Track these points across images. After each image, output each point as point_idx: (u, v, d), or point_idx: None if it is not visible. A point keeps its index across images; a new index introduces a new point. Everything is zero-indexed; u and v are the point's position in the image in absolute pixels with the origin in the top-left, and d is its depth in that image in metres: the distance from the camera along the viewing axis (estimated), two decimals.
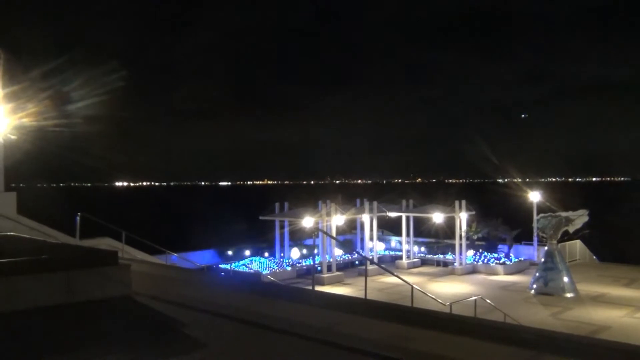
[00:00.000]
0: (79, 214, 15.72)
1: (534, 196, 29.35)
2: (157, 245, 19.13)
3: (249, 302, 8.35)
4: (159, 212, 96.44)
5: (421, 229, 30.98)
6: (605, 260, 29.91)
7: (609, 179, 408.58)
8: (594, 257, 30.16)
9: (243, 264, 25.58)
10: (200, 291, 9.66)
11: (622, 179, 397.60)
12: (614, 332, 16.04)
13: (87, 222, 16.31)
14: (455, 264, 27.07)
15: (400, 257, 28.86)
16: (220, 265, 25.62)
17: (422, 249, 30.33)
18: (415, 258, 29.07)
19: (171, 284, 10.57)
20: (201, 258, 25.86)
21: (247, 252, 27.59)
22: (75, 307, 7.32)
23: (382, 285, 23.07)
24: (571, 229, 22.79)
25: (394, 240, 32.70)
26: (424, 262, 29.16)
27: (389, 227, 33.45)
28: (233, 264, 25.73)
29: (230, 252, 27.54)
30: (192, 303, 8.02)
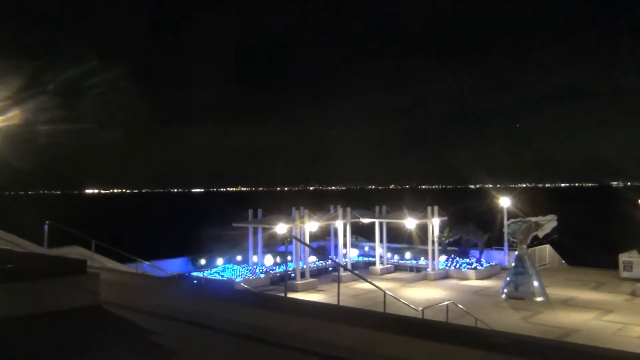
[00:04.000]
0: (47, 222, 15.41)
1: (504, 201, 29.78)
2: (128, 253, 18.86)
3: (221, 310, 8.27)
4: (130, 219, 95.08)
5: (394, 235, 31.13)
6: (573, 265, 30.48)
7: (577, 184, 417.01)
8: (563, 261, 30.71)
9: (216, 272, 25.35)
10: (172, 300, 9.54)
11: (590, 184, 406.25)
12: (583, 335, 16.34)
13: (56, 231, 16.00)
14: (427, 269, 27.27)
15: (374, 263, 28.96)
16: (192, 273, 25.35)
17: (395, 256, 30.49)
18: (388, 264, 29.19)
19: (142, 292, 10.41)
20: (173, 266, 25.56)
21: (220, 260, 27.36)
22: (42, 318, 7.15)
23: (356, 291, 23.10)
24: (540, 233, 23.17)
25: (367, 246, 32.80)
26: (397, 268, 29.30)
27: (363, 234, 33.55)
28: (205, 271, 25.46)
29: (202, 260, 27.26)
30: (163, 312, 7.91)
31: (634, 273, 24.72)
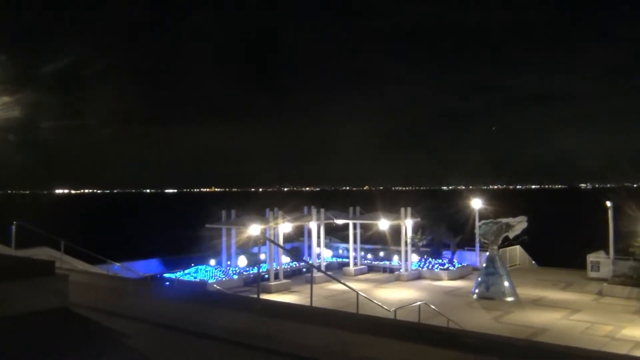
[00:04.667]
0: (14, 222, 15.08)
1: (476, 203, 30.14)
2: (98, 254, 18.57)
3: (194, 311, 8.19)
4: (101, 220, 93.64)
5: (368, 236, 31.26)
6: (543, 265, 31.02)
7: (547, 186, 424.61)
8: (533, 261, 31.22)
9: (188, 273, 25.11)
10: (143, 301, 9.42)
11: (560, 186, 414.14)
12: (552, 334, 16.63)
13: (24, 231, 15.67)
14: (401, 270, 27.45)
15: (348, 264, 29.03)
16: (164, 275, 25.06)
17: (369, 255, 30.62)
18: (362, 265, 29.30)
19: (112, 294, 10.25)
20: (145, 267, 25.25)
21: (193, 261, 27.11)
22: (8, 321, 6.98)
23: (329, 292, 23.12)
24: (511, 234, 23.54)
25: (341, 248, 32.87)
26: (370, 269, 29.42)
27: (337, 234, 33.61)
28: (178, 273, 25.22)
29: (175, 261, 27.00)
30: (133, 314, 7.80)
31: (601, 273, 25.26)
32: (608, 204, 25.52)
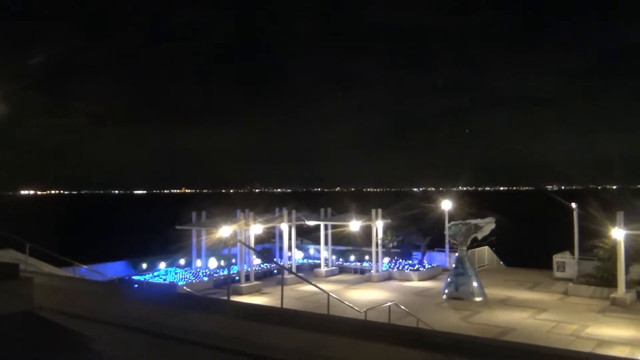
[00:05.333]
0: None
1: (446, 204, 30.50)
2: (65, 256, 18.22)
3: (162, 314, 8.08)
4: (68, 222, 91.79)
5: (339, 237, 31.33)
6: (510, 265, 31.54)
7: (514, 188, 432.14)
8: (501, 262, 31.72)
9: (157, 275, 24.80)
10: (111, 304, 9.25)
11: (527, 188, 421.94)
12: (519, 333, 16.93)
13: None
14: (371, 271, 27.58)
15: (319, 266, 29.06)
16: (133, 277, 24.71)
17: (340, 259, 30.68)
18: (333, 266, 29.36)
19: (79, 297, 10.04)
20: (113, 270, 24.86)
21: (162, 263, 26.79)
22: None
23: (300, 293, 23.11)
24: (480, 235, 23.89)
25: (312, 249, 32.88)
26: (341, 270, 29.51)
27: (308, 236, 33.62)
28: (147, 275, 24.90)
29: (144, 263, 26.64)
30: (100, 317, 7.66)
31: (566, 273, 25.81)
32: (573, 205, 26.09)
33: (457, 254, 23.78)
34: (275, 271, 27.64)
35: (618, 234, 20.59)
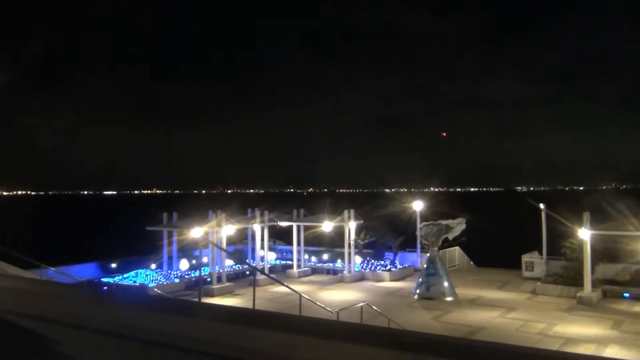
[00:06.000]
0: None
1: (417, 205, 30.75)
2: (31, 258, 17.84)
3: (132, 316, 7.97)
4: (34, 223, 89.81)
5: (312, 238, 31.34)
6: (480, 265, 31.98)
7: (485, 189, 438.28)
8: (471, 262, 32.14)
9: (128, 277, 24.46)
10: (78, 307, 9.09)
11: (497, 189, 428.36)
12: (488, 332, 17.17)
13: None
14: (344, 271, 27.66)
15: (292, 266, 29.02)
16: (102, 279, 24.32)
17: (313, 258, 30.69)
18: (306, 267, 29.35)
19: (45, 300, 9.85)
20: (81, 272, 24.44)
21: (133, 265, 26.42)
22: None
23: (273, 294, 23.06)
24: (450, 236, 24.16)
25: (285, 250, 32.83)
26: (314, 271, 29.52)
27: (280, 237, 33.55)
28: (117, 277, 24.53)
29: (114, 265, 26.24)
30: (67, 320, 7.52)
31: (535, 272, 26.28)
32: (541, 206, 26.58)
33: (428, 254, 24.00)
34: (247, 272, 27.51)
35: (584, 234, 21.04)
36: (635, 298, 21.31)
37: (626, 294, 21.64)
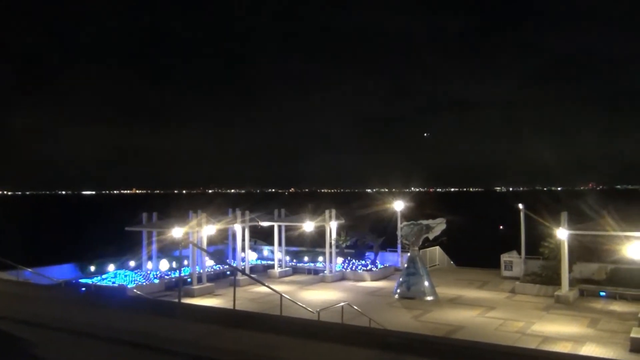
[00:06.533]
0: None
1: (398, 205, 30.89)
2: (7, 259, 17.53)
3: (111, 318, 7.89)
4: (11, 223, 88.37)
5: (293, 238, 31.30)
6: (460, 265, 32.24)
7: (464, 189, 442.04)
8: (451, 262, 32.38)
9: (106, 278, 24.19)
10: (57, 309, 8.97)
11: (477, 189, 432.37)
12: (468, 331, 17.31)
13: None
14: (325, 271, 27.68)
15: (273, 267, 28.96)
16: (80, 280, 24.02)
17: (294, 259, 30.66)
18: (287, 267, 29.32)
19: (23, 301, 9.69)
20: (59, 273, 24.09)
21: (112, 266, 26.14)
22: None
23: (254, 295, 22.99)
24: (431, 236, 24.31)
25: (266, 250, 32.75)
26: (295, 271, 29.49)
27: (262, 237, 33.46)
28: (95, 278, 24.24)
29: (92, 266, 25.92)
30: (45, 322, 7.41)
31: (514, 272, 26.56)
32: (520, 206, 26.88)
33: (409, 254, 24.12)
34: (228, 273, 27.38)
35: (562, 234, 21.32)
36: (611, 297, 21.66)
37: (602, 293, 21.99)
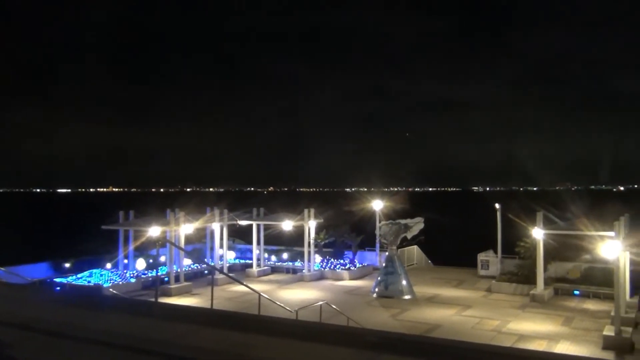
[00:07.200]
0: None
1: (377, 205, 30.99)
2: None
3: (87, 318, 7.79)
4: None
5: (271, 237, 31.20)
6: (438, 264, 32.46)
7: (442, 189, 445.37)
8: (429, 261, 32.60)
9: (82, 277, 23.86)
10: (29, 308, 8.83)
11: (454, 189, 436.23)
12: (445, 329, 17.46)
13: None
14: (303, 270, 27.66)
15: (251, 266, 28.85)
16: (55, 280, 23.65)
17: (273, 257, 30.59)
18: (265, 266, 29.23)
19: None
20: (33, 272, 23.71)
21: (87, 265, 25.78)
22: None
23: (232, 294, 22.89)
24: (409, 235, 24.43)
25: (245, 249, 32.61)
26: (274, 270, 29.41)
27: (240, 236, 33.31)
28: (70, 277, 23.90)
29: (67, 265, 25.54)
30: (19, 322, 7.29)
31: (490, 271, 26.85)
32: (497, 206, 27.18)
33: (387, 253, 24.22)
34: (206, 272, 27.20)
35: (537, 233, 21.61)
36: (585, 295, 22.02)
37: (576, 292, 22.35)
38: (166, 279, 23.97)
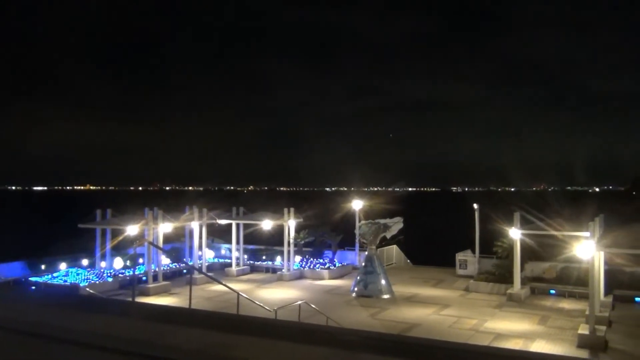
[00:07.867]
0: None
1: (356, 204, 31.06)
2: None
3: (62, 317, 7.69)
4: None
5: (251, 236, 31.10)
6: (417, 264, 32.69)
7: (422, 189, 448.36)
8: (408, 260, 32.80)
9: (58, 277, 23.53)
10: (4, 308, 8.68)
11: (433, 189, 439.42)
12: (423, 328, 17.60)
13: None
14: (283, 270, 27.63)
15: (230, 265, 28.73)
16: (30, 279, 23.28)
17: (252, 257, 30.49)
18: (244, 265, 29.13)
19: None
20: (7, 271, 23.34)
21: (63, 264, 25.42)
22: None
23: (211, 293, 22.77)
24: (388, 235, 24.56)
25: (224, 248, 32.46)
26: (253, 269, 29.33)
27: (220, 235, 33.13)
28: (46, 276, 23.54)
29: (43, 264, 25.15)
30: None
31: (468, 270, 27.12)
32: (475, 206, 27.45)
33: (366, 253, 24.31)
34: (184, 271, 27.02)
35: (515, 233, 21.88)
36: (561, 295, 22.36)
37: (552, 291, 22.68)
38: (144, 278, 23.76)
